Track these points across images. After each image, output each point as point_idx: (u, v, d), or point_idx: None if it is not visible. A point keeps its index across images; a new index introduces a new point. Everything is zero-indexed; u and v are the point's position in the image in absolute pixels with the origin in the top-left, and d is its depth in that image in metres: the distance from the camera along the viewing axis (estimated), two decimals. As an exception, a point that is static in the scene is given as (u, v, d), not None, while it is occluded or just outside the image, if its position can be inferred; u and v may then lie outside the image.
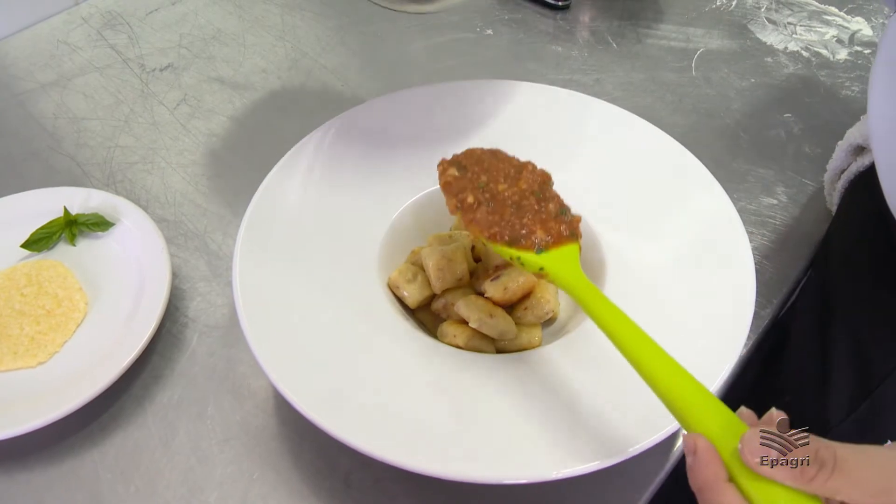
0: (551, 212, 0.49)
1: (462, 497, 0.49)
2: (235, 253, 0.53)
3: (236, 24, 0.90)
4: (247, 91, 0.80)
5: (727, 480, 0.33)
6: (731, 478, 0.34)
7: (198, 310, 0.60)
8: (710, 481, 0.33)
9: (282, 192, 0.58)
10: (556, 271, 0.47)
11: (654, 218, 0.58)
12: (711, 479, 0.33)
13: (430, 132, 0.64)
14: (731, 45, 0.87)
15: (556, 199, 0.50)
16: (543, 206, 0.49)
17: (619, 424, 0.45)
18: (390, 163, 0.62)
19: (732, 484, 0.33)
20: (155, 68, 0.84)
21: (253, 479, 0.51)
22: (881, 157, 0.52)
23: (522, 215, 0.48)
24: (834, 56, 0.86)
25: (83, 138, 0.75)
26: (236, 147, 0.74)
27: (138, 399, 0.55)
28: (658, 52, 0.86)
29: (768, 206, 0.69)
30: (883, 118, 0.52)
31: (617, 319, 0.42)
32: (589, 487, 0.49)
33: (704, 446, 0.34)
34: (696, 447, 0.34)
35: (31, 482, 0.51)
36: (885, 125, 0.51)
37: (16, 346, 0.56)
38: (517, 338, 0.53)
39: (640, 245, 0.56)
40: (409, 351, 0.51)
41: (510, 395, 0.48)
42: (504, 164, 0.52)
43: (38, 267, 0.61)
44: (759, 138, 0.75)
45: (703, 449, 0.34)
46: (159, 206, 0.69)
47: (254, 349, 0.48)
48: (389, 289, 0.56)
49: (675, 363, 0.39)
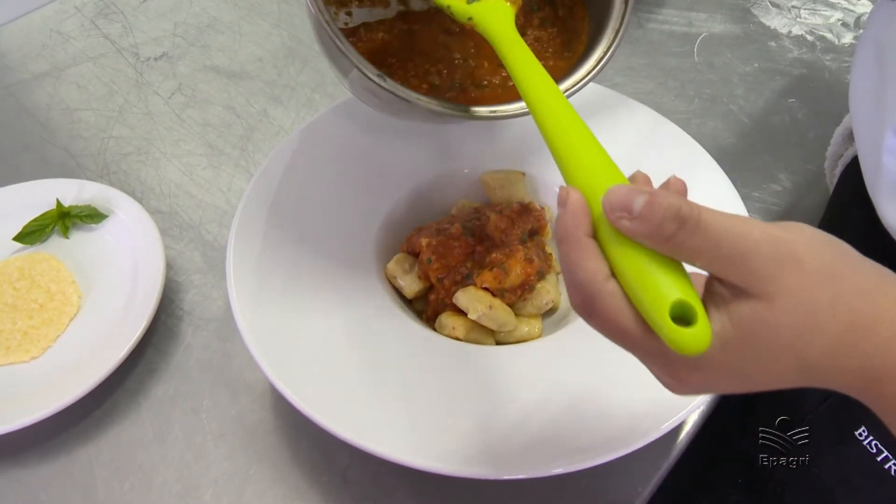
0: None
1: (461, 492, 0.49)
2: (229, 244, 0.52)
3: (232, 13, 0.88)
4: (242, 80, 0.79)
5: (589, 235, 0.32)
6: (595, 236, 0.32)
7: (193, 302, 0.59)
8: (570, 232, 0.32)
9: (277, 182, 0.57)
10: (485, 23, 0.45)
11: None
12: (572, 230, 0.32)
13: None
14: (734, 30, 0.86)
15: None
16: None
17: (620, 418, 0.44)
18: (387, 150, 0.61)
19: (593, 240, 0.32)
20: (149, 57, 0.82)
21: (249, 474, 0.50)
22: (861, 143, 0.52)
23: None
24: (839, 40, 0.84)
25: (77, 129, 0.74)
26: (232, 137, 0.73)
27: (133, 393, 0.54)
28: (660, 36, 0.85)
29: (772, 193, 0.68)
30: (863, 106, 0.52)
31: (538, 81, 0.40)
32: (590, 482, 0.49)
33: (575, 198, 0.33)
34: (567, 199, 0.33)
35: (24, 479, 0.50)
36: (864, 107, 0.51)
37: (8, 341, 0.55)
38: (517, 329, 0.52)
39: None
40: (407, 343, 0.50)
41: (509, 387, 0.47)
42: None
43: (30, 260, 0.60)
44: (762, 124, 0.74)
45: (574, 201, 0.32)
46: (154, 197, 0.68)
47: (249, 344, 0.47)
48: (387, 279, 0.55)
49: (579, 122, 0.37)
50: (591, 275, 0.31)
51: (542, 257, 0.54)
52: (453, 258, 0.52)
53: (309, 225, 0.56)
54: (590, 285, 0.31)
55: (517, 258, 0.52)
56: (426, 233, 0.54)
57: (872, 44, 0.53)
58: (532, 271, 0.52)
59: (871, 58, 0.53)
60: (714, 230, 0.29)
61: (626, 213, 0.30)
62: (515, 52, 0.43)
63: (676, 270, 0.30)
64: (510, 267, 0.52)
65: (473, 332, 0.51)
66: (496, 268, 0.52)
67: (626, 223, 0.30)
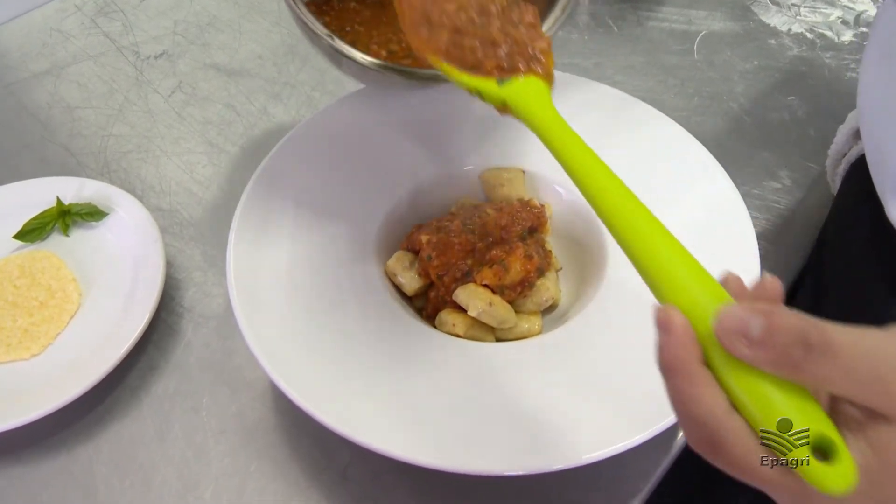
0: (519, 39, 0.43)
1: (461, 489, 0.48)
2: (230, 242, 0.52)
3: (232, 11, 0.88)
4: (242, 78, 0.79)
5: (702, 363, 0.29)
6: (705, 361, 0.29)
7: (193, 299, 0.59)
8: (680, 363, 0.29)
9: (277, 179, 0.57)
10: (521, 107, 0.41)
11: (656, 203, 0.56)
12: (682, 360, 0.29)
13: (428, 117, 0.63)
14: (733, 28, 0.86)
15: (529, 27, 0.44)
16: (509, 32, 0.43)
17: (620, 414, 0.44)
18: (388, 148, 0.61)
19: (706, 368, 0.29)
20: (149, 56, 0.82)
21: (250, 472, 0.50)
22: (870, 143, 0.52)
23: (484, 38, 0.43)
24: (839, 38, 0.84)
25: (77, 128, 0.74)
26: (232, 134, 0.73)
27: (133, 391, 0.54)
28: (659, 34, 0.85)
29: (772, 191, 0.67)
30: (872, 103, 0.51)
31: (594, 168, 0.36)
32: (590, 478, 0.49)
33: (679, 322, 0.29)
34: (668, 322, 0.29)
35: (25, 476, 0.50)
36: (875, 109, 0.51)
37: (9, 339, 0.55)
38: (517, 326, 0.52)
39: (642, 231, 0.55)
40: (407, 340, 0.50)
41: (510, 384, 0.47)
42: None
43: (31, 258, 0.60)
44: (762, 122, 0.74)
45: (678, 325, 0.29)
46: (154, 195, 0.68)
47: (248, 340, 0.47)
48: (387, 276, 0.55)
49: (656, 223, 0.34)
50: (711, 410, 0.28)
51: (542, 254, 0.54)
52: (453, 255, 0.52)
53: (309, 222, 0.56)
54: (711, 423, 0.28)
55: (517, 255, 0.52)
56: (426, 230, 0.54)
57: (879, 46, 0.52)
58: (532, 268, 0.52)
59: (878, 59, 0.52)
60: (845, 352, 0.27)
61: (742, 338, 0.28)
62: (563, 139, 0.38)
63: (804, 397, 0.28)
64: (510, 264, 0.52)
65: (473, 328, 0.51)
66: (496, 265, 0.52)
67: (745, 351, 0.28)
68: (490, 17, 0.44)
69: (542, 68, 0.43)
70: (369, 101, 0.64)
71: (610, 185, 0.36)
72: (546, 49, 0.44)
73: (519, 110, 0.41)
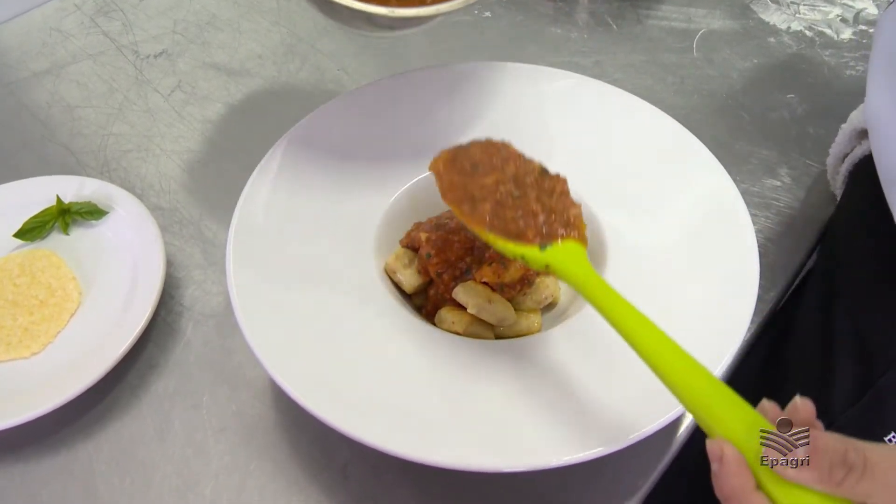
0: (554, 209, 0.47)
1: (461, 486, 0.49)
2: (229, 240, 0.52)
3: (231, 10, 0.88)
4: (242, 77, 0.79)
5: (756, 489, 0.32)
6: (758, 484, 0.33)
7: (193, 298, 0.60)
8: (738, 492, 0.32)
9: (276, 178, 0.57)
10: (563, 270, 0.44)
11: (656, 201, 0.57)
12: (739, 489, 0.32)
13: (427, 115, 0.63)
14: (733, 26, 0.86)
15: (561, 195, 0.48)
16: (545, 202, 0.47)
17: (620, 410, 0.44)
18: (388, 146, 0.61)
19: (761, 492, 0.32)
20: (149, 55, 0.83)
21: (249, 469, 0.50)
22: (879, 150, 0.52)
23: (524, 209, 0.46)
24: (838, 35, 0.84)
25: (77, 127, 0.74)
26: (232, 134, 0.73)
27: (133, 389, 0.54)
28: (659, 33, 0.85)
29: (772, 189, 0.67)
30: (880, 109, 0.51)
31: (636, 321, 0.40)
32: (590, 475, 0.49)
33: (731, 454, 0.33)
34: (722, 455, 0.33)
35: (25, 475, 0.50)
36: (883, 116, 0.51)
37: (9, 337, 0.55)
38: (516, 323, 0.52)
39: (641, 228, 0.55)
40: (406, 338, 0.50)
41: (509, 381, 0.47)
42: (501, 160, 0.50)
43: (30, 257, 0.60)
44: (762, 119, 0.74)
45: (730, 457, 0.33)
46: (154, 193, 0.68)
47: (249, 338, 0.47)
48: (386, 274, 0.55)
49: (695, 364, 0.37)
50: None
51: None
52: (453, 253, 0.52)
53: (308, 220, 0.56)
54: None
55: None
56: (426, 228, 0.54)
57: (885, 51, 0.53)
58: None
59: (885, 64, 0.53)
60: (883, 470, 0.30)
61: (788, 462, 0.31)
62: (606, 298, 0.42)
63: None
64: (509, 262, 0.52)
65: (473, 326, 0.51)
66: (495, 262, 0.52)
67: (792, 472, 0.31)
68: (526, 189, 0.47)
69: (577, 233, 0.46)
70: (369, 100, 0.64)
71: (650, 334, 0.39)
72: (579, 215, 0.47)
73: (562, 272, 0.44)
